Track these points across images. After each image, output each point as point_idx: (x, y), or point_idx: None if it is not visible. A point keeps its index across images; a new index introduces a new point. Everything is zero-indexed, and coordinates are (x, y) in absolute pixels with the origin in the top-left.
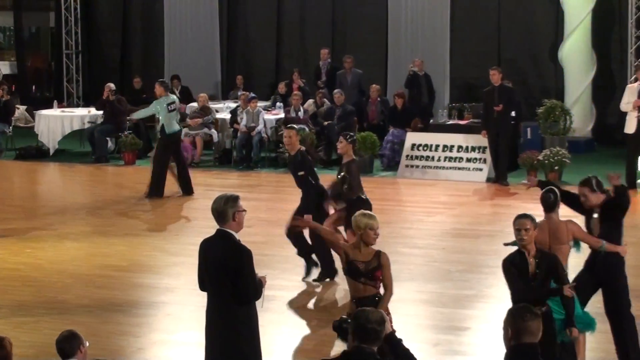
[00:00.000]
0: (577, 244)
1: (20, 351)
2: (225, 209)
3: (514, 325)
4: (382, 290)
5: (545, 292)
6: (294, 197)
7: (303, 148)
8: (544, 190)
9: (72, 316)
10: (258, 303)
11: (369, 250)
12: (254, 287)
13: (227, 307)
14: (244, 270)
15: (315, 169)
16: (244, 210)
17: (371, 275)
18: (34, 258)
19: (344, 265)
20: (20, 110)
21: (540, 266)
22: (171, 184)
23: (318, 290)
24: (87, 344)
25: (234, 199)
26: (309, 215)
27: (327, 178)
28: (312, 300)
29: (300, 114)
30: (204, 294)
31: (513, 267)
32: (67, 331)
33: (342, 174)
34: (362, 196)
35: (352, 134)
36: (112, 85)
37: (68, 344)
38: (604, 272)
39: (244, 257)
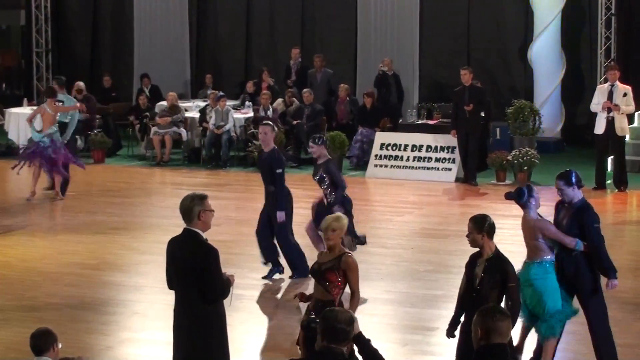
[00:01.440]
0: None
1: None
2: (192, 208)
3: (483, 325)
4: (345, 298)
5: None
6: (262, 196)
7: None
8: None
9: (41, 314)
10: (226, 302)
11: (335, 253)
12: (221, 286)
13: (194, 306)
14: (210, 269)
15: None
16: (212, 210)
17: (322, 275)
18: (2, 256)
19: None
20: None
21: (487, 270)
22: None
23: (286, 288)
24: (60, 345)
25: (201, 198)
26: (282, 212)
27: (297, 177)
28: (281, 299)
29: (269, 113)
30: (173, 293)
31: (467, 267)
32: (44, 328)
33: (319, 174)
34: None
35: (319, 135)
36: (80, 84)
37: (43, 340)
38: (575, 274)
39: (210, 256)
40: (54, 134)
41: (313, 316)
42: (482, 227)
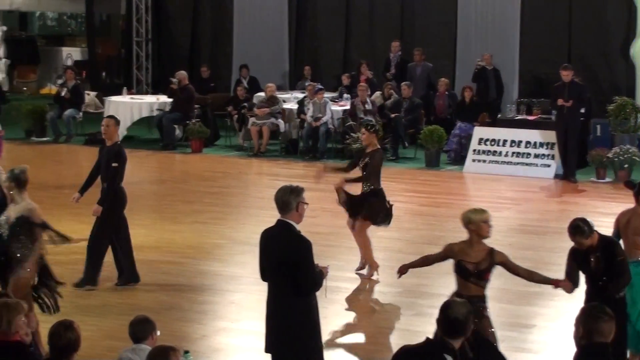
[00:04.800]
0: None
1: (88, 334)
2: (289, 199)
3: (586, 324)
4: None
5: None
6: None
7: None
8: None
9: (138, 301)
10: (320, 294)
11: (481, 248)
12: (313, 279)
13: (286, 298)
14: (303, 261)
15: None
16: (307, 203)
17: (481, 276)
18: None
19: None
20: (90, 96)
21: (601, 260)
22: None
23: (376, 277)
24: (159, 333)
25: (299, 191)
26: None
27: (395, 171)
28: (379, 293)
29: (368, 106)
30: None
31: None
32: (142, 315)
33: (364, 161)
34: (380, 187)
35: (373, 123)
36: (182, 73)
37: (141, 327)
38: None
39: (303, 248)
40: None
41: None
42: (586, 232)
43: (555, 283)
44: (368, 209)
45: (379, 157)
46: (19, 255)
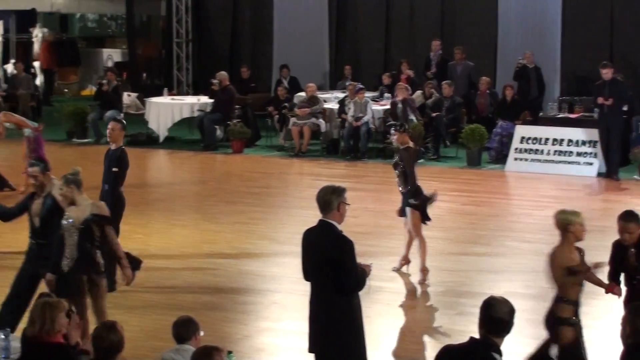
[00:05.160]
0: None
1: (130, 335)
2: (331, 199)
3: (633, 323)
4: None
5: None
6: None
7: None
8: None
9: (180, 302)
10: (364, 293)
11: (574, 249)
12: (355, 278)
13: (329, 297)
14: (345, 261)
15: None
16: (348, 204)
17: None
18: (143, 244)
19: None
20: (131, 97)
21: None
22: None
23: (427, 281)
24: (202, 333)
25: (340, 191)
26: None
27: (436, 170)
28: (422, 292)
29: (407, 105)
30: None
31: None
32: (186, 316)
33: (396, 160)
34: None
35: (402, 123)
36: (223, 74)
37: (185, 328)
38: None
39: (345, 247)
40: None
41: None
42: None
43: (608, 289)
44: (412, 211)
45: (410, 153)
46: (95, 255)
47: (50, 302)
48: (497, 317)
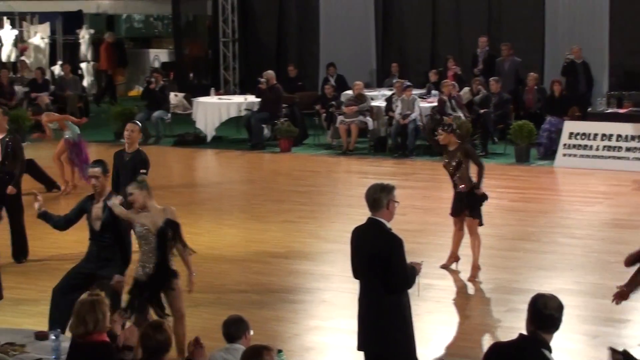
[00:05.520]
0: None
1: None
2: (380, 197)
3: None
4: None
5: None
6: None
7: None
8: None
9: (230, 301)
10: (413, 291)
11: None
12: (404, 276)
13: (378, 295)
14: (395, 259)
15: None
16: (397, 202)
17: None
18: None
19: None
20: (178, 97)
21: None
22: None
23: (477, 279)
24: (252, 332)
25: (390, 189)
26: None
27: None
28: (472, 289)
29: (454, 102)
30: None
31: None
32: (236, 315)
33: (456, 160)
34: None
35: (448, 123)
36: (270, 73)
37: (235, 327)
38: None
39: (394, 245)
40: None
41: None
42: None
43: None
44: (473, 207)
45: (470, 148)
46: (170, 260)
47: (98, 300)
48: (547, 313)
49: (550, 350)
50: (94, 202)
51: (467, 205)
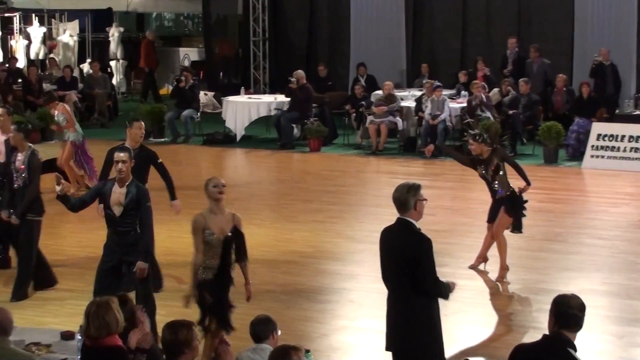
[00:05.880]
0: None
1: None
2: (407, 198)
3: None
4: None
5: None
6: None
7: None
8: None
9: (258, 301)
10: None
11: None
12: (433, 278)
13: (406, 296)
14: (423, 259)
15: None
16: (425, 200)
17: None
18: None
19: None
20: (208, 96)
21: None
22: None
23: (505, 279)
24: (280, 332)
25: (416, 188)
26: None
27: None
28: (499, 290)
29: (484, 102)
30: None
31: None
32: (264, 315)
33: (494, 166)
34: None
35: (480, 133)
36: (300, 73)
37: (263, 327)
38: None
39: (423, 245)
40: None
41: None
42: None
43: None
44: (512, 211)
45: (504, 152)
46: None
47: (109, 302)
48: (571, 313)
49: (575, 349)
50: (115, 187)
51: (508, 208)
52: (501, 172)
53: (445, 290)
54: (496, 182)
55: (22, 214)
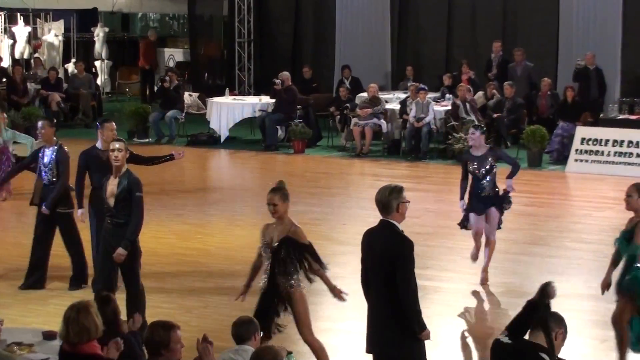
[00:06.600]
0: None
1: (189, 335)
2: (390, 200)
3: None
4: None
5: None
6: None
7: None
8: None
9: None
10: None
11: None
12: (413, 279)
13: (387, 297)
14: (404, 261)
15: None
16: (408, 202)
17: None
18: (202, 244)
19: None
20: (193, 97)
21: None
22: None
23: (488, 282)
24: (262, 334)
25: (398, 190)
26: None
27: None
28: (481, 293)
29: (468, 106)
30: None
31: None
32: (246, 316)
33: (488, 165)
34: None
35: (481, 125)
36: (285, 74)
37: (245, 328)
38: None
39: (405, 247)
40: None
41: None
42: None
43: None
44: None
45: (498, 150)
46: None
47: (88, 306)
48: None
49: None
50: (110, 179)
51: (497, 205)
52: (494, 171)
53: (420, 321)
54: (487, 179)
55: (53, 206)
